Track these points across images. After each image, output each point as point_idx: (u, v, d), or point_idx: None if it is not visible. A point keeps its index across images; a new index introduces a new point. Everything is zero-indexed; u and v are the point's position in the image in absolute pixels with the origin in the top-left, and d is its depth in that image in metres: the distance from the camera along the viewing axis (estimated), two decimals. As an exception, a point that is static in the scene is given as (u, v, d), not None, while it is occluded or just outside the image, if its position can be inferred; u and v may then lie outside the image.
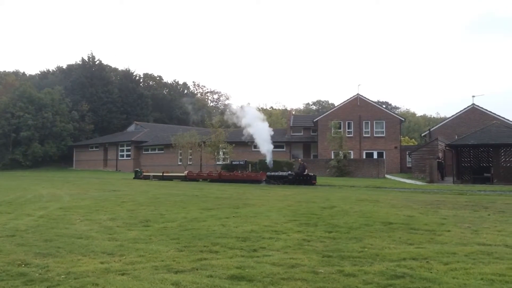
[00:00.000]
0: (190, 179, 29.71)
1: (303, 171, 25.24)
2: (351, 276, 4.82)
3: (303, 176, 24.79)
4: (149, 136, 52.59)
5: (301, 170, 25.36)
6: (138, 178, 32.33)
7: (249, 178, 27.39)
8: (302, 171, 25.20)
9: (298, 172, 25.44)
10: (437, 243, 6.72)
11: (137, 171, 33.85)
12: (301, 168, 25.65)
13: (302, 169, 25.45)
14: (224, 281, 4.65)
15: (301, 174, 24.97)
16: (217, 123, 37.56)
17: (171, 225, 8.60)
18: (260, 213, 10.40)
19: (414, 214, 10.20)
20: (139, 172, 33.39)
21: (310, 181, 24.36)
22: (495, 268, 5.11)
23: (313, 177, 24.62)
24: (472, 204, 12.93)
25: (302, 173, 25.03)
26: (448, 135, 37.99)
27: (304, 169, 25.47)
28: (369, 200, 14.15)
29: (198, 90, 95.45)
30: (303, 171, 25.20)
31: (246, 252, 6.11)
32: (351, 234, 7.50)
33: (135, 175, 33.40)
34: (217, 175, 29.10)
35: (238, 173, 29.41)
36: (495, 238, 7.07)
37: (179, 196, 15.50)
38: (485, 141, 25.96)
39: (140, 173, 33.32)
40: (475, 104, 40.58)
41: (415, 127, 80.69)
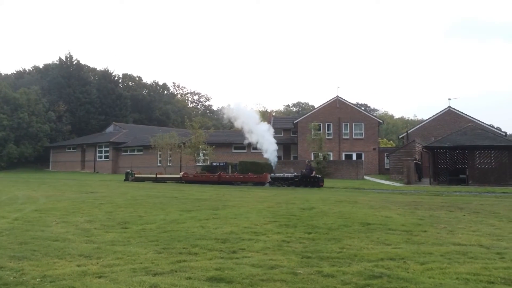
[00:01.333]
0: (186, 181, 28.56)
1: (310, 172, 24.63)
2: (330, 277, 4.86)
3: (310, 177, 24.11)
4: (128, 137, 52.02)
5: (308, 172, 24.73)
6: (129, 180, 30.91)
7: (251, 180, 26.44)
8: (309, 173, 24.56)
9: (305, 173, 24.74)
10: (413, 243, 6.83)
11: (128, 173, 32.18)
12: (308, 169, 25.05)
13: (309, 170, 24.86)
14: (203, 283, 4.63)
15: (308, 176, 24.28)
16: (197, 124, 37.37)
17: (149, 227, 8.51)
18: (239, 215, 10.39)
19: (392, 215, 10.35)
20: (130, 174, 31.82)
21: (317, 183, 23.61)
22: (470, 268, 5.22)
23: (320, 179, 23.99)
24: (448, 205, 13.19)
25: (309, 175, 24.35)
26: (425, 137, 38.69)
27: (311, 170, 24.91)
28: (348, 201, 14.29)
29: (178, 91, 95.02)
30: (310, 173, 24.56)
31: (226, 254, 6.10)
32: (330, 235, 7.56)
33: (125, 177, 31.88)
34: (216, 176, 27.89)
35: (238, 174, 28.44)
36: (470, 238, 7.23)
37: (158, 198, 15.37)
38: (460, 143, 26.54)
39: (131, 175, 31.73)
40: (451, 107, 41.45)
41: (393, 129, 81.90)
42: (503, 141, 27.09)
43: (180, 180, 28.98)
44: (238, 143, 46.23)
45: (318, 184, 23.54)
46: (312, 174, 24.30)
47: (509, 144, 26.48)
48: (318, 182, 23.62)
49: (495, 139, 26.96)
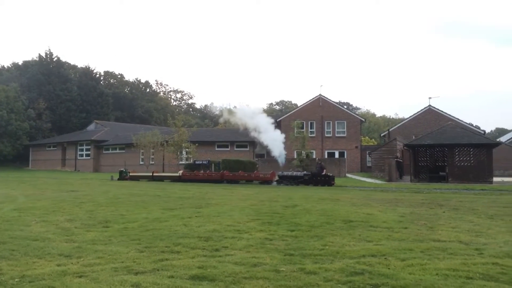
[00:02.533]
0: (185, 180, 27.41)
1: (320, 171, 24.20)
2: (312, 274, 4.88)
3: (321, 176, 23.68)
4: (110, 135, 51.41)
5: (318, 170, 24.35)
6: (124, 179, 29.73)
7: (257, 179, 25.85)
8: (320, 171, 24.15)
9: (315, 172, 24.27)
10: (394, 240, 6.92)
11: (122, 172, 30.98)
12: (319, 168, 24.65)
13: (319, 169, 24.47)
14: (185, 281, 4.61)
15: (319, 175, 23.86)
16: (180, 122, 37.13)
17: (131, 226, 8.43)
18: (222, 213, 10.38)
19: (374, 212, 10.46)
20: (125, 173, 30.68)
21: (329, 182, 23.12)
22: (449, 264, 5.31)
23: (331, 177, 23.55)
24: (428, 202, 13.39)
25: (320, 173, 23.93)
26: (406, 135, 39.19)
27: (322, 169, 24.48)
28: (330, 199, 14.40)
29: (161, 89, 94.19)
30: (320, 171, 24.15)
31: (208, 252, 6.08)
32: (312, 232, 7.60)
33: (119, 175, 30.69)
34: (219, 175, 26.95)
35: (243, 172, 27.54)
36: (449, 235, 7.35)
37: (140, 196, 15.24)
38: (440, 141, 26.97)
39: (125, 173, 30.62)
40: (431, 105, 42.09)
41: (375, 128, 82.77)
42: (482, 139, 27.64)
43: (178, 178, 27.88)
44: (221, 141, 46.20)
45: (329, 183, 23.00)
46: (323, 173, 23.85)
47: (488, 142, 27.03)
48: (329, 181, 23.10)
49: (474, 137, 27.48)
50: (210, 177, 27.16)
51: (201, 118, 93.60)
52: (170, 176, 29.29)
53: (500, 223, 8.74)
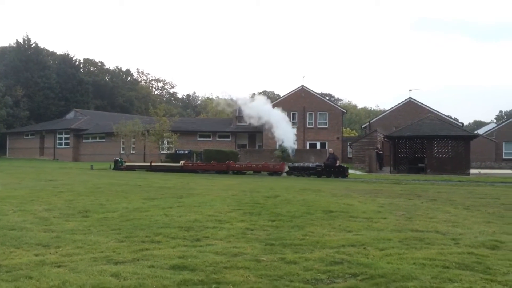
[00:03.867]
0: (187, 170, 26.15)
1: (333, 162, 23.33)
2: (293, 263, 4.92)
3: (335, 167, 22.86)
4: (90, 124, 50.68)
5: (331, 161, 23.43)
6: (119, 168, 28.54)
7: (266, 169, 24.81)
8: (333, 162, 23.28)
9: (328, 163, 23.38)
10: (373, 230, 7.01)
11: (118, 161, 29.83)
12: (331, 158, 23.71)
13: (332, 160, 23.55)
14: (166, 271, 4.59)
15: (332, 166, 23.03)
16: (162, 112, 36.79)
17: (111, 216, 8.35)
18: (204, 203, 10.36)
19: (354, 203, 10.58)
20: (120, 162, 29.55)
21: (343, 173, 22.23)
22: (426, 253, 5.40)
23: (346, 169, 22.75)
24: (407, 192, 13.61)
25: (333, 165, 23.11)
26: (386, 127, 39.66)
27: (335, 160, 23.59)
28: (312, 189, 14.50)
29: (142, 78, 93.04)
30: (334, 162, 23.29)
31: (189, 242, 6.07)
32: (293, 222, 7.65)
33: (114, 165, 29.60)
34: (225, 166, 25.77)
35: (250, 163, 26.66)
36: (427, 225, 7.48)
37: (121, 186, 15.09)
38: (420, 133, 27.38)
39: (121, 163, 29.51)
40: (411, 97, 42.65)
41: (356, 119, 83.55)
42: (460, 132, 28.20)
43: (180, 169, 26.70)
44: (203, 131, 46.02)
45: (344, 174, 22.20)
46: (336, 164, 23.15)
47: (466, 135, 27.57)
48: (343, 172, 22.32)
49: (452, 129, 27.99)
50: (215, 167, 26.12)
51: (183, 108, 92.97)
52: (171, 166, 28.02)
53: (476, 214, 8.94)
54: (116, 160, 30.19)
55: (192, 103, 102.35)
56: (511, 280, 4.30)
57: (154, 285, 4.14)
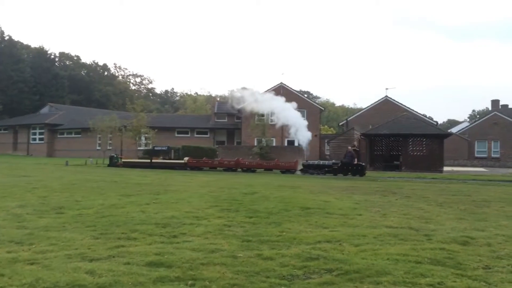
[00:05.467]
0: (192, 167, 25.49)
1: (351, 159, 22.30)
2: (269, 260, 4.96)
3: (353, 165, 21.94)
4: (65, 119, 49.71)
5: (348, 159, 22.41)
6: (115, 165, 27.36)
7: (278, 167, 23.95)
8: (350, 160, 22.27)
9: (345, 161, 22.38)
10: (349, 226, 7.12)
11: (113, 157, 28.50)
12: (349, 156, 22.60)
13: (350, 157, 22.47)
14: (142, 268, 4.57)
15: (350, 164, 22.05)
16: (139, 107, 36.37)
17: (87, 212, 8.24)
18: (181, 199, 10.31)
19: (330, 199, 10.70)
20: (116, 159, 28.27)
21: (362, 171, 21.48)
22: (400, 249, 5.52)
23: (363, 166, 22.01)
24: (382, 189, 13.84)
25: (351, 162, 22.11)
26: (363, 124, 40.14)
27: (352, 157, 22.46)
28: (289, 186, 14.60)
29: (119, 73, 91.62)
30: (351, 160, 22.25)
31: (166, 239, 6.04)
32: (270, 219, 7.70)
33: (110, 161, 28.38)
34: (233, 162, 24.91)
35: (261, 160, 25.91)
36: (401, 221, 7.63)
37: (97, 182, 14.89)
38: (395, 131, 27.86)
39: (117, 159, 28.27)
40: (388, 96, 43.28)
41: (334, 117, 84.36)
42: (434, 130, 28.80)
43: (184, 166, 25.85)
44: (181, 127, 45.75)
45: (362, 173, 21.43)
46: (355, 162, 22.27)
47: (440, 133, 28.19)
48: (362, 171, 21.56)
49: (427, 128, 28.58)
50: (223, 164, 25.39)
51: (161, 104, 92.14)
52: (175, 163, 27.05)
53: (449, 210, 9.16)
54: (112, 156, 29.03)
55: (170, 99, 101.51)
56: (480, 275, 4.43)
57: (129, 282, 4.11)
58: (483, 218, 8.19)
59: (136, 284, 4.07)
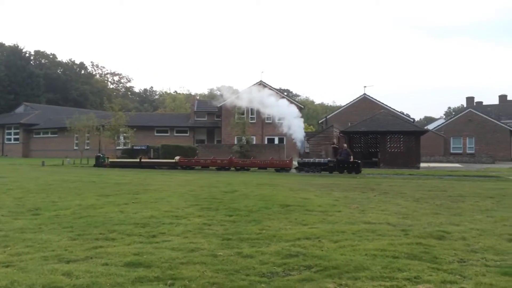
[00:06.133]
0: (183, 166, 24.94)
1: (347, 157, 22.61)
2: (249, 257, 4.97)
3: (349, 163, 22.11)
4: (41, 119, 48.78)
5: (344, 157, 22.70)
6: (101, 165, 26.69)
7: (273, 166, 23.73)
8: (346, 158, 22.57)
9: (341, 159, 22.63)
10: (328, 223, 7.18)
11: (100, 157, 27.63)
12: (344, 154, 22.98)
13: (346, 155, 22.81)
14: (120, 268, 4.52)
15: (345, 161, 22.30)
16: (117, 106, 35.92)
17: (64, 213, 8.10)
18: (161, 199, 10.24)
19: (310, 197, 10.78)
20: (102, 158, 27.43)
21: (358, 169, 21.58)
22: (377, 244, 5.60)
23: (359, 164, 22.09)
24: (361, 186, 14.02)
25: (347, 160, 22.36)
26: (342, 122, 40.55)
27: (348, 155, 22.83)
28: (269, 184, 14.64)
29: (97, 71, 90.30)
30: (347, 158, 22.55)
31: (145, 238, 5.99)
32: (250, 217, 7.71)
33: (96, 161, 27.57)
34: (226, 161, 24.51)
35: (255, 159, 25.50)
36: (379, 217, 7.74)
37: (74, 183, 14.66)
38: (373, 129, 28.22)
39: (103, 159, 27.41)
40: (366, 94, 43.83)
41: (314, 114, 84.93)
42: (411, 127, 29.29)
43: (175, 165, 25.34)
44: (160, 126, 45.37)
45: (359, 170, 21.58)
46: (350, 160, 22.50)
47: (417, 130, 28.67)
48: (358, 168, 21.67)
49: (404, 125, 29.05)
50: (215, 163, 24.90)
51: (140, 102, 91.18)
52: (165, 163, 26.45)
53: (425, 206, 9.33)
54: (98, 156, 28.18)
55: (149, 97, 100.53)
56: (455, 268, 4.53)
57: (107, 283, 4.07)
58: (458, 213, 8.38)
59: (114, 285, 4.02)
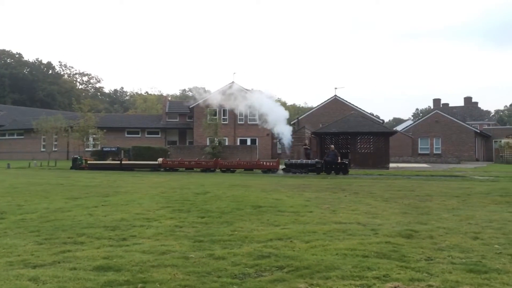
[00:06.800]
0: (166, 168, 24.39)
1: (334, 158, 22.64)
2: (221, 259, 4.96)
3: (338, 164, 22.24)
4: (6, 120, 47.33)
5: (331, 158, 22.71)
6: (79, 168, 25.69)
7: (260, 167, 23.47)
8: (333, 159, 22.60)
9: (329, 160, 22.67)
10: (300, 223, 7.25)
11: (76, 159, 26.64)
12: (332, 155, 22.98)
13: (333, 156, 22.82)
14: (89, 273, 4.43)
15: (333, 162, 22.38)
16: (87, 107, 35.17)
17: (30, 217, 7.88)
18: (132, 201, 10.10)
19: (282, 197, 10.85)
20: (79, 160, 26.40)
21: (346, 169, 21.82)
22: (348, 244, 5.68)
23: (347, 165, 22.21)
24: (332, 187, 14.19)
25: (334, 161, 22.44)
26: (314, 123, 40.96)
27: (336, 156, 22.84)
28: (242, 185, 14.65)
29: (65, 71, 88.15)
30: (334, 159, 22.59)
31: (115, 242, 5.89)
32: (222, 218, 7.70)
33: (72, 164, 26.54)
34: (212, 163, 24.16)
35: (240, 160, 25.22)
36: (349, 217, 7.86)
37: (41, 185, 14.28)
38: (344, 130, 28.62)
39: (80, 161, 26.32)
40: (337, 95, 44.44)
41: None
42: (381, 128, 29.87)
43: (158, 167, 24.68)
44: (131, 127, 44.71)
45: (346, 171, 21.80)
46: (338, 161, 22.54)
47: (386, 131, 29.25)
48: (346, 169, 21.90)
49: (374, 126, 29.58)
50: (200, 165, 24.53)
51: (110, 103, 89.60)
52: (146, 165, 25.72)
53: (394, 205, 9.53)
54: (75, 158, 27.21)
55: (119, 98, 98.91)
56: (423, 266, 4.65)
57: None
58: (426, 212, 8.59)
59: (83, 290, 3.95)
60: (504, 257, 5.03)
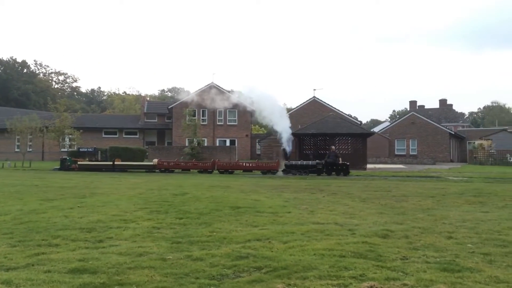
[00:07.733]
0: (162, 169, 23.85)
1: (334, 159, 22.55)
2: (199, 260, 4.94)
3: (338, 165, 22.18)
4: (-22, 119, 45.95)
5: (332, 159, 22.60)
6: (68, 169, 24.90)
7: (259, 168, 23.11)
8: (334, 160, 22.52)
9: (329, 161, 22.49)
10: (278, 224, 7.28)
11: (65, 160, 25.84)
12: (333, 156, 22.85)
13: (334, 157, 22.74)
14: (64, 275, 4.35)
15: (333, 163, 22.29)
16: (63, 107, 34.51)
17: (3, 219, 7.70)
18: (108, 202, 9.97)
19: (261, 198, 10.87)
20: (69, 161, 25.72)
21: (347, 170, 21.73)
22: (325, 244, 5.74)
23: (347, 166, 22.06)
24: (311, 187, 14.29)
25: (334, 162, 22.36)
26: (293, 124, 40.80)
27: (336, 157, 22.81)
28: (221, 186, 14.62)
29: (40, 70, 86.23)
30: (335, 160, 22.51)
31: (91, 244, 5.81)
32: (201, 219, 7.67)
33: (61, 165, 25.75)
34: (210, 164, 23.57)
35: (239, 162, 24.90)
36: (327, 217, 7.93)
37: (15, 187, 13.96)
38: (323, 131, 28.83)
39: (69, 161, 25.59)
40: (315, 97, 44.75)
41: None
42: (359, 129, 30.22)
43: (153, 168, 24.15)
44: (109, 127, 44.09)
45: (347, 172, 21.69)
46: (339, 162, 22.46)
47: (363, 132, 29.61)
48: (347, 170, 21.80)
49: (352, 127, 29.90)
50: (197, 166, 24.07)
51: (87, 103, 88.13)
52: (141, 166, 25.20)
53: (371, 206, 9.67)
54: (63, 159, 26.41)
55: (97, 98, 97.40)
56: (398, 266, 4.73)
57: (50, 291, 3.91)
58: (402, 212, 8.74)
59: (58, 293, 3.88)
60: (477, 256, 5.15)
